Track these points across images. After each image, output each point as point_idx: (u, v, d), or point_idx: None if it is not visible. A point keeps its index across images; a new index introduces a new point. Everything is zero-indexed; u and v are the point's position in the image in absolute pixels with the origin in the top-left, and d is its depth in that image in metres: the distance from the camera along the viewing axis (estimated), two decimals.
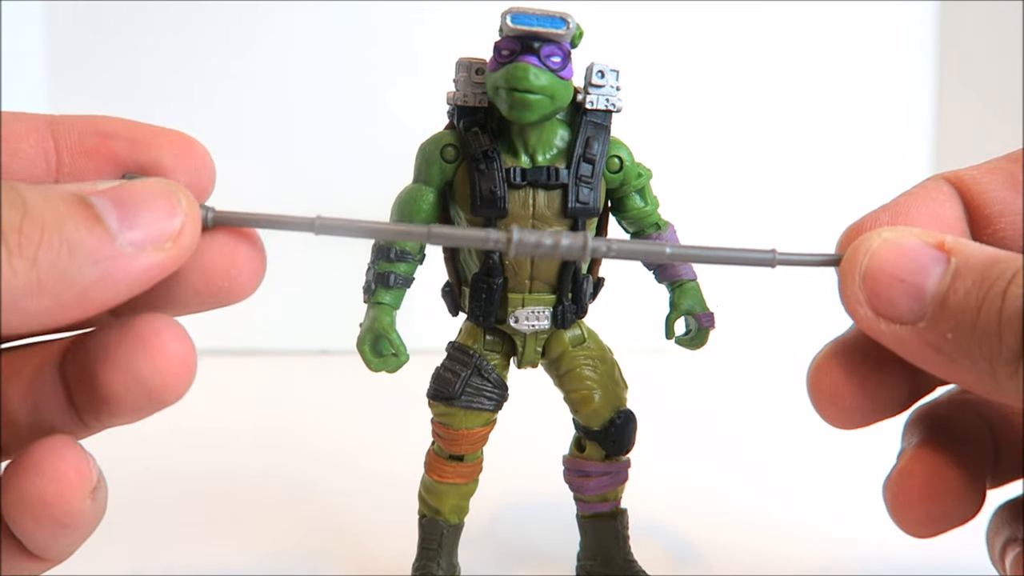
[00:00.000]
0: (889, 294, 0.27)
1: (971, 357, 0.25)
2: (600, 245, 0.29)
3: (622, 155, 0.40)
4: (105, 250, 0.23)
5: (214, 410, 0.73)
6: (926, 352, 0.26)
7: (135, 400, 0.25)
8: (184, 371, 0.25)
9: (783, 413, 0.72)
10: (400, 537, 0.45)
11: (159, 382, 0.25)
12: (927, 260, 0.27)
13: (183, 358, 0.25)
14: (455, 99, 0.39)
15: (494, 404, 0.41)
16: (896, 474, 0.32)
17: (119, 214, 0.24)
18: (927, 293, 0.26)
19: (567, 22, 0.36)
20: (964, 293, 0.25)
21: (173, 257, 0.24)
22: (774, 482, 0.59)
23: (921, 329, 0.26)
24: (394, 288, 0.39)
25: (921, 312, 0.26)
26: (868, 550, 0.49)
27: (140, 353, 0.25)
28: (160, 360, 0.25)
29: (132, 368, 0.25)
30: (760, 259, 0.29)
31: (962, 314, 0.25)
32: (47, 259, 0.22)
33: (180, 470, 0.60)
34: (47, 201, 0.23)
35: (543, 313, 0.40)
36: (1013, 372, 0.24)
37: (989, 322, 0.25)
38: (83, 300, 0.23)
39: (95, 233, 0.23)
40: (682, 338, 0.42)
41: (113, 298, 0.24)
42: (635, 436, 0.42)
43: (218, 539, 0.50)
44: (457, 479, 0.42)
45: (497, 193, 0.38)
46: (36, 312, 0.22)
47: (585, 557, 0.44)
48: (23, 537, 0.25)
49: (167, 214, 0.24)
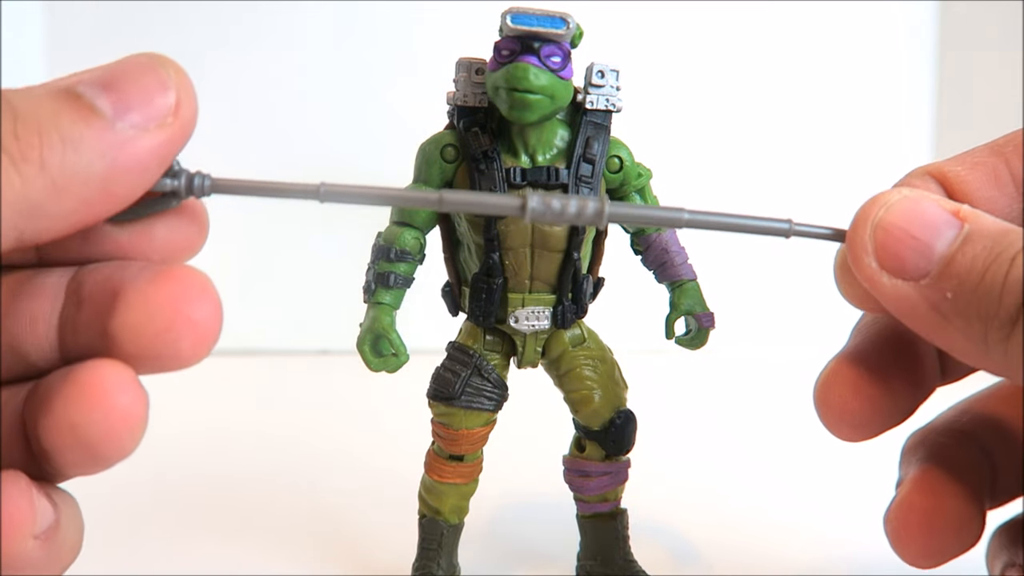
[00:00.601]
0: (897, 248, 0.27)
1: (966, 317, 0.25)
2: (617, 209, 0.28)
3: (622, 155, 0.40)
4: (108, 139, 0.22)
5: (214, 410, 0.73)
6: (921, 310, 0.26)
7: (74, 455, 0.23)
8: (128, 426, 0.23)
9: (783, 413, 0.72)
10: (400, 537, 0.45)
11: (98, 437, 0.22)
12: (941, 221, 0.27)
13: (128, 410, 0.22)
14: (455, 99, 0.39)
15: (494, 404, 0.41)
16: (896, 507, 0.32)
17: (111, 99, 0.23)
18: (935, 252, 0.26)
19: (567, 22, 0.36)
20: (972, 256, 0.25)
21: (178, 131, 0.23)
22: (774, 482, 0.59)
23: (923, 286, 0.26)
24: (394, 288, 0.39)
25: (926, 270, 0.26)
26: (867, 550, 0.49)
27: (78, 404, 0.22)
28: (99, 412, 0.22)
29: (69, 420, 0.22)
30: (776, 228, 0.29)
31: (966, 275, 0.25)
32: (54, 160, 0.21)
33: (180, 470, 0.60)
34: (35, 101, 0.22)
35: (543, 313, 0.40)
36: (1004, 337, 0.24)
37: (992, 284, 0.25)
38: (105, 193, 0.22)
39: (93, 124, 0.22)
40: (682, 338, 0.42)
41: (132, 186, 0.23)
42: (635, 436, 0.42)
43: (218, 539, 0.50)
44: (457, 479, 0.42)
45: (497, 193, 0.38)
46: (64, 214, 0.22)
47: (585, 557, 0.44)
48: None
49: (159, 89, 0.23)
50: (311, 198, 0.26)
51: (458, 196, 0.27)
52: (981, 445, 0.33)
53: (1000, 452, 0.33)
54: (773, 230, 0.29)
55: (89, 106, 0.22)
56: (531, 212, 0.27)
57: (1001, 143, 0.32)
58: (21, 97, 0.22)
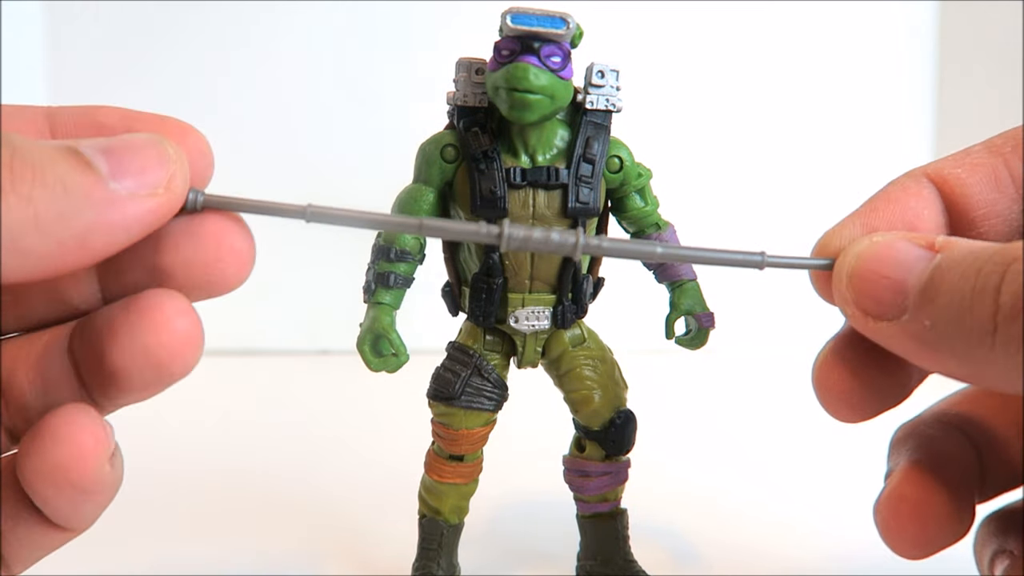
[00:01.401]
0: (874, 291, 0.27)
1: (949, 340, 0.25)
2: (591, 241, 0.29)
3: (622, 155, 0.40)
4: (99, 192, 0.23)
5: (214, 410, 0.73)
6: (911, 345, 0.26)
7: (143, 375, 0.25)
8: (190, 344, 0.25)
9: (783, 413, 0.72)
10: (400, 537, 0.45)
11: (166, 355, 0.25)
12: (912, 257, 0.27)
13: (188, 331, 0.25)
14: (455, 99, 0.39)
15: (494, 404, 0.41)
16: (886, 498, 0.32)
17: (108, 162, 0.24)
18: (909, 287, 0.26)
19: (567, 22, 0.36)
20: (942, 282, 0.26)
21: (166, 203, 0.24)
22: (774, 482, 0.59)
23: (904, 323, 0.26)
24: (394, 288, 0.39)
25: (904, 306, 0.26)
26: (867, 550, 0.49)
27: (145, 327, 0.25)
28: (165, 334, 0.25)
29: (138, 342, 0.25)
30: (749, 261, 0.29)
31: (938, 298, 0.25)
32: (42, 196, 0.22)
33: (179, 470, 0.60)
34: (35, 145, 0.23)
35: (543, 313, 0.40)
36: (989, 348, 0.24)
37: (963, 301, 0.25)
38: (82, 243, 0.23)
39: (88, 176, 0.23)
40: (682, 338, 0.42)
41: (111, 243, 0.24)
42: (635, 436, 0.42)
43: (217, 539, 0.50)
44: (457, 479, 0.42)
45: (497, 193, 0.38)
46: (37, 253, 0.22)
47: (585, 557, 0.44)
48: (44, 506, 0.26)
49: (156, 162, 0.24)
50: (298, 217, 0.27)
51: (438, 223, 0.29)
52: (970, 439, 0.33)
53: (988, 447, 0.33)
54: (746, 263, 0.29)
55: (87, 161, 0.23)
56: (507, 241, 0.28)
57: (999, 143, 0.32)
58: (22, 140, 0.23)
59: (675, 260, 0.30)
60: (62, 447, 0.24)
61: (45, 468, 0.24)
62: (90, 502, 0.26)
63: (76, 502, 0.25)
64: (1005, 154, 0.31)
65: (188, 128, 0.28)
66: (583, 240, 0.28)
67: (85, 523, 0.27)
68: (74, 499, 0.25)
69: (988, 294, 0.24)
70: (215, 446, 0.66)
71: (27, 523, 0.26)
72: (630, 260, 0.32)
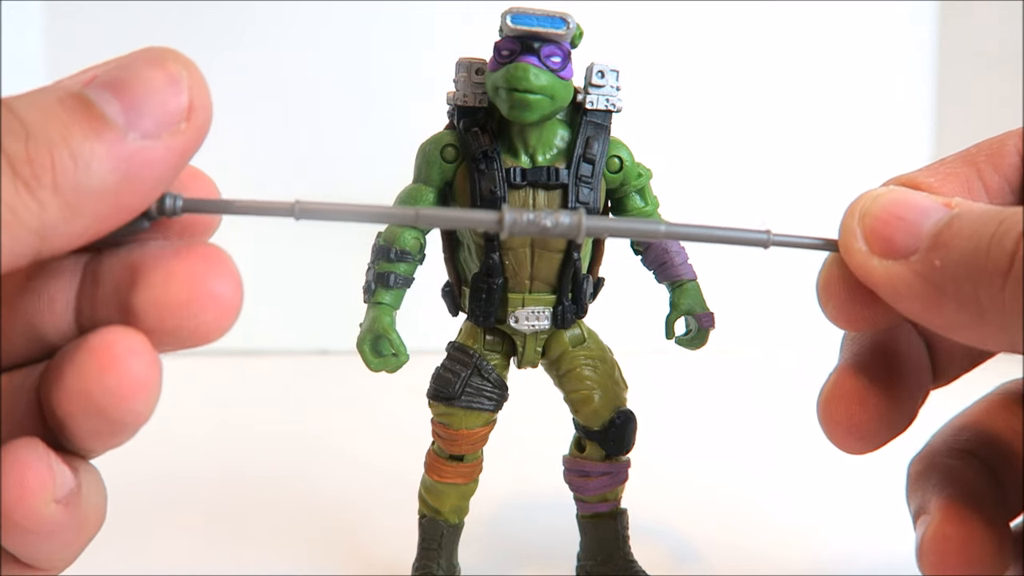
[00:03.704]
0: (886, 230, 0.27)
1: (956, 280, 0.25)
2: (594, 223, 0.28)
3: (622, 155, 0.40)
4: (119, 151, 0.22)
5: (213, 410, 0.73)
6: (913, 285, 0.26)
7: (88, 422, 0.23)
8: (141, 390, 0.22)
9: (783, 413, 0.72)
10: (400, 537, 0.45)
11: (111, 403, 0.22)
12: (929, 206, 0.27)
13: (140, 375, 0.22)
14: (455, 99, 0.39)
15: (494, 404, 0.41)
16: (931, 541, 0.31)
17: (121, 104, 0.22)
18: (923, 229, 0.26)
19: (567, 22, 0.36)
20: (958, 227, 0.26)
21: (191, 138, 0.23)
22: (774, 482, 0.59)
23: (912, 262, 0.26)
24: (394, 288, 0.39)
25: (915, 246, 0.26)
26: (867, 550, 0.49)
27: (90, 369, 0.22)
28: (111, 378, 0.22)
29: (81, 387, 0.22)
30: (754, 239, 0.29)
31: (954, 241, 0.25)
32: (67, 181, 0.21)
33: (179, 470, 0.60)
34: (45, 112, 0.21)
35: (543, 313, 0.40)
36: (998, 290, 0.24)
37: (979, 242, 0.25)
38: (118, 207, 0.22)
39: (104, 137, 0.22)
40: (682, 338, 0.42)
41: (145, 197, 0.23)
42: (635, 436, 0.42)
43: (217, 539, 0.50)
44: (457, 479, 0.42)
45: (497, 193, 0.38)
46: (79, 231, 0.22)
47: (585, 557, 0.44)
48: (6, 546, 0.24)
49: (171, 90, 0.23)
50: (286, 215, 0.25)
51: (435, 212, 0.27)
52: (984, 462, 0.33)
53: (1003, 467, 0.33)
54: (751, 240, 0.29)
55: (100, 115, 0.22)
56: (508, 226, 0.27)
57: (973, 152, 0.31)
58: (30, 108, 0.22)
59: (679, 238, 0.29)
60: (4, 485, 0.23)
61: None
62: (43, 543, 0.24)
63: (25, 543, 0.24)
64: (979, 164, 0.31)
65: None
66: (586, 222, 0.28)
67: (53, 564, 0.25)
68: (22, 539, 0.23)
69: (1008, 240, 0.24)
70: (215, 446, 0.66)
71: (5, 561, 0.25)
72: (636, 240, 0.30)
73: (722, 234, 0.29)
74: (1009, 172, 0.31)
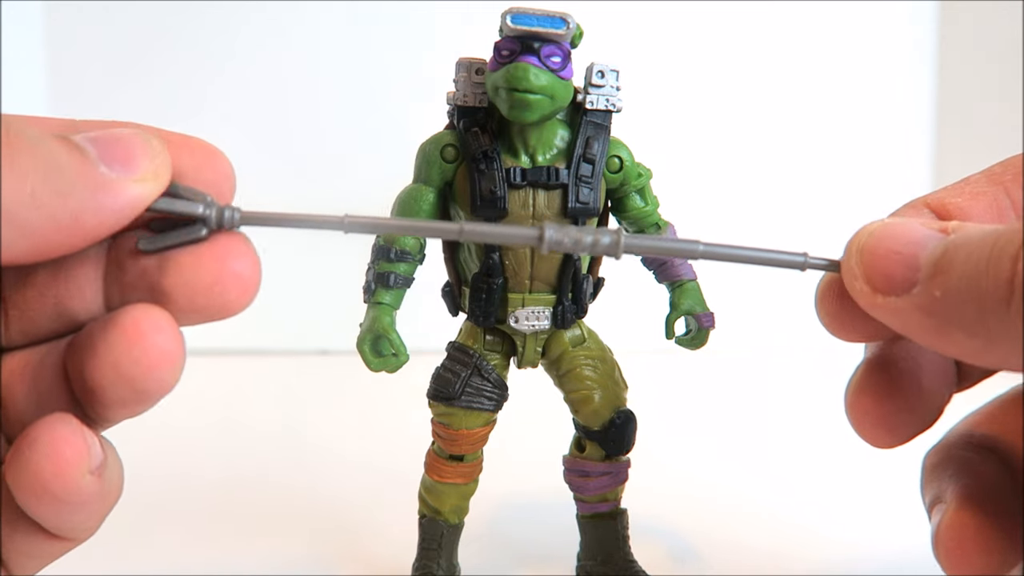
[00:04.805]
0: (883, 266, 0.27)
1: (959, 306, 0.25)
2: (633, 241, 0.28)
3: (622, 155, 0.40)
4: (91, 174, 0.23)
5: (213, 410, 0.73)
6: (919, 318, 0.26)
7: (117, 391, 0.25)
8: (166, 362, 0.25)
9: (783, 413, 0.72)
10: (400, 537, 0.45)
11: (139, 373, 0.24)
12: (925, 236, 0.26)
13: (165, 347, 0.24)
14: (455, 99, 0.39)
15: (494, 404, 0.41)
16: (947, 528, 0.31)
17: (99, 151, 0.24)
18: (921, 261, 0.26)
19: (567, 22, 0.36)
20: (954, 254, 0.25)
21: (154, 190, 0.25)
22: (774, 482, 0.59)
23: (914, 295, 0.26)
24: (394, 288, 0.39)
25: (914, 280, 0.26)
26: (867, 550, 0.49)
27: (118, 342, 0.24)
28: (138, 351, 0.24)
29: (112, 359, 0.24)
30: (791, 261, 0.29)
31: (950, 267, 0.25)
32: (38, 173, 0.22)
33: (178, 470, 0.60)
34: (30, 128, 0.23)
35: (543, 313, 0.40)
36: (1003, 312, 0.23)
37: (977, 266, 0.24)
38: (75, 221, 0.23)
39: (81, 159, 0.23)
40: (682, 338, 0.42)
41: (102, 224, 0.24)
42: (635, 436, 0.42)
43: (216, 539, 0.50)
44: (457, 479, 0.42)
45: (497, 193, 0.38)
46: (32, 229, 0.23)
47: (585, 557, 0.44)
48: (31, 516, 0.25)
49: (143, 151, 0.25)
50: (336, 229, 0.27)
51: (480, 228, 0.28)
52: (1001, 458, 0.33)
53: (1020, 464, 0.33)
54: (788, 263, 0.29)
55: (79, 147, 0.24)
56: (548, 243, 0.27)
57: (999, 171, 0.31)
58: (18, 121, 0.23)
59: (717, 259, 0.29)
60: (41, 458, 0.24)
61: (26, 479, 0.24)
62: (75, 513, 0.25)
63: (59, 513, 0.25)
64: (1006, 182, 0.30)
65: (214, 150, 0.28)
66: (624, 240, 0.28)
67: (79, 533, 0.27)
68: (57, 510, 0.25)
69: (1005, 260, 0.23)
70: (214, 446, 0.66)
71: (24, 531, 0.26)
72: None
73: (758, 255, 0.29)
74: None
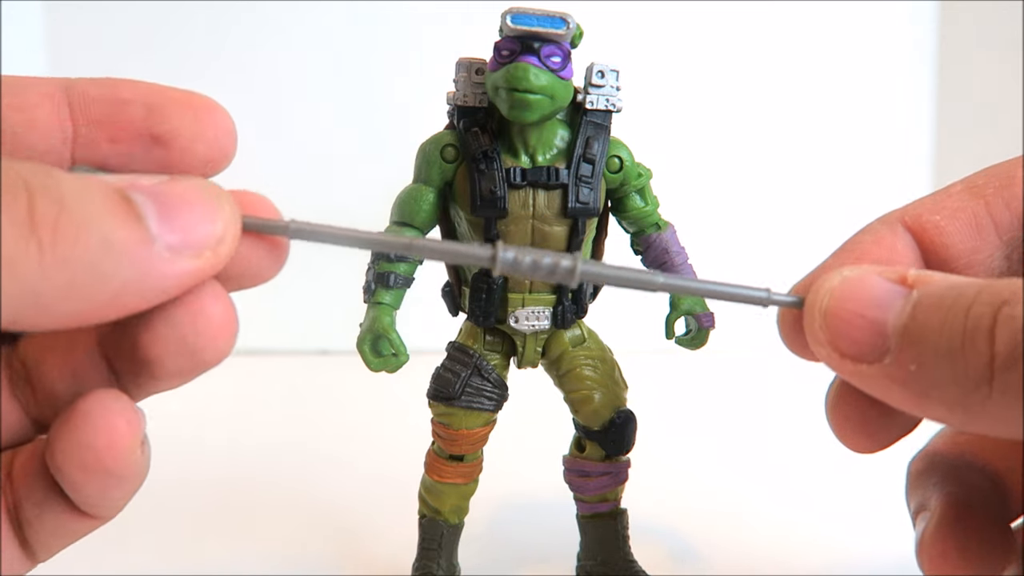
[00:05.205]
0: (850, 331, 0.25)
1: (939, 386, 0.23)
2: (589, 268, 0.27)
3: (622, 155, 0.40)
4: (142, 251, 0.22)
5: (213, 410, 0.73)
6: (895, 390, 0.25)
7: (178, 363, 0.25)
8: (226, 331, 0.25)
9: (783, 413, 0.72)
10: (400, 537, 0.45)
11: (202, 344, 0.25)
12: (887, 294, 0.25)
13: (224, 318, 0.25)
14: (455, 99, 0.39)
15: (494, 404, 0.41)
16: (930, 538, 0.31)
17: (160, 213, 0.23)
18: (889, 326, 0.25)
19: (567, 22, 0.36)
20: (924, 321, 0.24)
21: (209, 266, 0.24)
22: (774, 482, 0.59)
23: (887, 366, 0.24)
24: (394, 288, 0.39)
25: (884, 347, 0.25)
26: (868, 550, 0.49)
27: (181, 316, 0.24)
28: (201, 322, 0.24)
29: (174, 331, 0.24)
30: (754, 297, 0.28)
31: (924, 340, 0.24)
32: (82, 259, 0.21)
33: (178, 470, 0.60)
34: (85, 193, 0.22)
35: (543, 313, 0.40)
36: (983, 398, 0.23)
37: (952, 344, 0.23)
38: (113, 303, 0.22)
39: (134, 234, 0.22)
40: (682, 338, 0.42)
41: (143, 303, 0.23)
42: (635, 436, 0.42)
43: (216, 539, 0.50)
44: (457, 479, 0.42)
45: (497, 193, 0.38)
46: (62, 314, 0.22)
47: (585, 557, 0.44)
48: (73, 491, 0.25)
49: (208, 220, 0.23)
50: (281, 234, 0.26)
51: (428, 244, 0.27)
52: (986, 464, 0.33)
53: (1004, 471, 0.33)
54: (750, 299, 0.28)
55: (137, 214, 0.22)
56: (501, 264, 0.26)
57: (980, 183, 0.30)
58: (73, 185, 0.22)
59: (676, 291, 0.28)
60: (95, 431, 0.24)
61: (77, 452, 0.24)
62: (119, 488, 0.25)
63: (106, 487, 0.25)
64: (987, 196, 0.29)
65: (213, 104, 0.27)
66: (581, 267, 0.27)
67: (113, 510, 0.27)
68: (105, 484, 0.25)
69: (981, 338, 0.22)
70: (214, 446, 0.65)
71: (54, 510, 0.26)
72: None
73: (720, 290, 0.28)
74: (1020, 207, 0.29)
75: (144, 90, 0.27)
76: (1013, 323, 0.22)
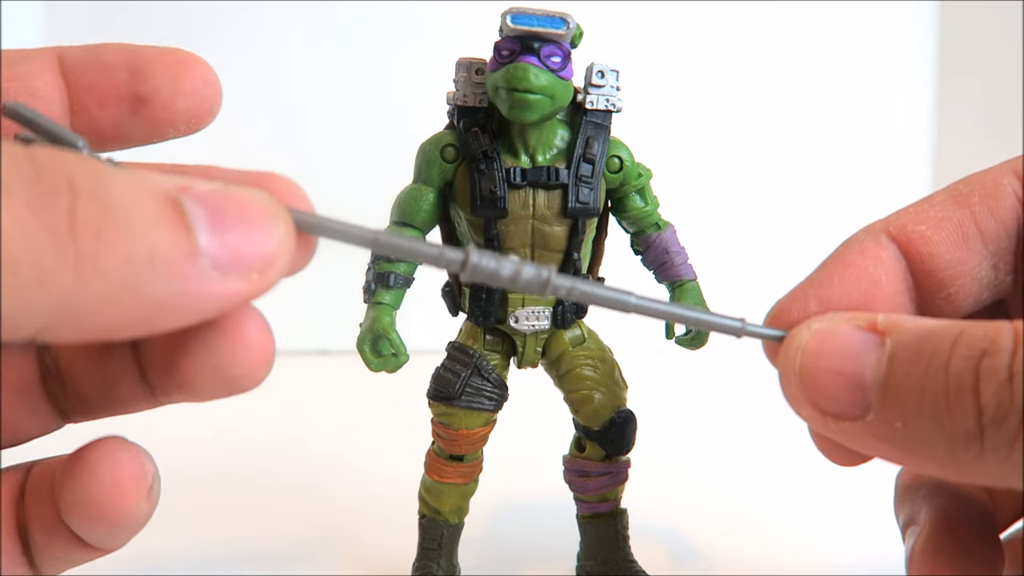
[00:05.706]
0: (828, 390, 0.25)
1: (927, 444, 0.23)
2: (562, 283, 0.26)
3: (622, 155, 0.40)
4: (186, 268, 0.20)
5: (213, 410, 0.73)
6: (882, 447, 0.24)
7: (213, 388, 0.24)
8: (263, 360, 0.24)
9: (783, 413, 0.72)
10: (400, 537, 0.45)
11: (240, 372, 0.24)
12: (861, 347, 0.24)
13: (262, 347, 0.24)
14: (455, 99, 0.39)
15: (494, 404, 0.41)
16: (922, 549, 0.31)
17: (212, 224, 0.21)
18: (867, 383, 0.24)
19: (567, 22, 0.36)
20: (904, 376, 0.23)
21: (256, 291, 0.22)
22: (774, 482, 0.59)
23: (870, 423, 0.24)
24: (394, 288, 0.39)
25: (866, 404, 0.24)
26: (869, 551, 0.49)
27: (220, 344, 0.23)
28: (240, 351, 0.24)
29: (212, 358, 0.24)
30: (727, 326, 0.27)
31: (906, 399, 0.23)
32: (123, 272, 0.19)
33: (179, 469, 0.59)
34: (134, 196, 0.20)
35: (543, 313, 0.40)
36: (976, 453, 0.22)
37: (936, 402, 0.22)
38: (148, 320, 0.20)
39: (181, 246, 0.20)
40: (682, 338, 0.42)
41: (179, 322, 0.21)
42: (635, 436, 0.42)
43: (217, 539, 0.50)
44: (457, 479, 0.42)
45: (497, 193, 0.38)
46: (92, 328, 0.20)
47: (585, 557, 0.44)
48: (77, 531, 0.25)
49: (263, 237, 0.21)
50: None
51: (393, 241, 0.25)
52: None
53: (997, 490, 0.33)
54: (724, 328, 0.27)
55: (187, 225, 0.20)
56: (470, 270, 0.24)
57: (965, 192, 0.29)
58: (122, 185, 0.20)
59: (648, 314, 0.27)
60: (99, 486, 0.24)
61: (81, 502, 0.24)
62: (126, 533, 0.26)
63: (110, 534, 0.25)
64: (972, 205, 0.29)
65: (191, 58, 0.27)
66: (554, 280, 0.25)
67: (118, 546, 0.27)
68: (108, 532, 0.25)
69: (966, 396, 0.22)
70: (214, 446, 0.65)
71: (61, 539, 0.26)
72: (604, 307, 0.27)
73: (693, 317, 0.27)
74: (1005, 216, 0.29)
75: (125, 52, 0.27)
76: (996, 375, 0.22)
